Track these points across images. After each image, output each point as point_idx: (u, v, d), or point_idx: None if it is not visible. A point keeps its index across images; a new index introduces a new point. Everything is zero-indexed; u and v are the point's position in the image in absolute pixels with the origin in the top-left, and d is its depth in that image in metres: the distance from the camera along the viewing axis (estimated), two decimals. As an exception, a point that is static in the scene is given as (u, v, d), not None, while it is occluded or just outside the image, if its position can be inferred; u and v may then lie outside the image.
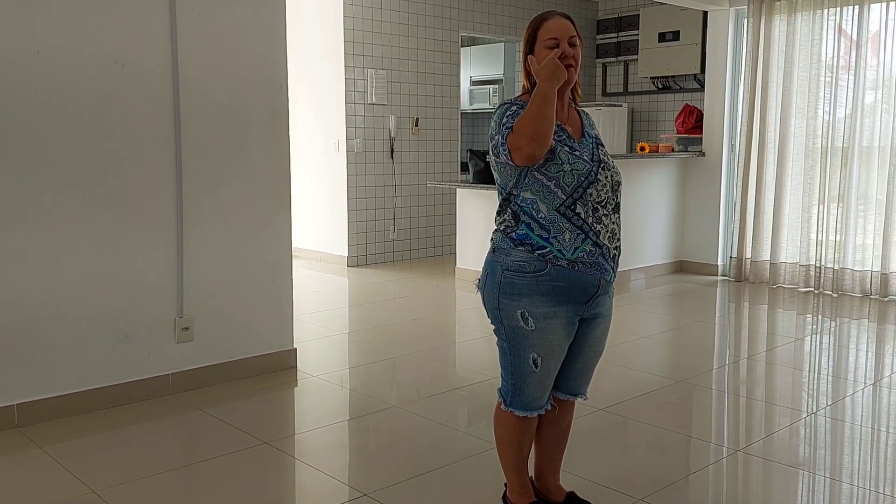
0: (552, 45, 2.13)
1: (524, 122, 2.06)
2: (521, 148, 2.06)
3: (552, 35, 2.14)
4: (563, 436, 2.46)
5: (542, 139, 2.05)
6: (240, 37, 3.70)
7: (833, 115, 5.99)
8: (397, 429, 3.29)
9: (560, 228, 2.12)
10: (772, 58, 6.25)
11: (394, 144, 7.24)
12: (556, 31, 2.14)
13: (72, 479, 2.72)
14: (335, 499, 2.63)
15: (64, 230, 3.25)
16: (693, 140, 7.10)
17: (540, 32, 2.16)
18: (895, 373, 4.09)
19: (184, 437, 3.23)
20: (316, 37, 7.11)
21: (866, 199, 5.93)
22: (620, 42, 8.16)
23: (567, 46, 2.13)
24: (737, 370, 4.20)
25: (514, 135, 2.08)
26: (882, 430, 3.28)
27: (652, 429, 3.28)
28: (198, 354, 3.67)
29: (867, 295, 5.90)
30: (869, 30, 5.80)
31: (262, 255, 3.87)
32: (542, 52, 2.14)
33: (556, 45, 2.13)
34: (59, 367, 3.28)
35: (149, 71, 3.43)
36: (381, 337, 4.83)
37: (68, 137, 3.23)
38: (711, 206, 6.80)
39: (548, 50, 2.13)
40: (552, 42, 2.13)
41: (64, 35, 3.19)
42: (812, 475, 2.85)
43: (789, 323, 5.34)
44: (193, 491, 2.74)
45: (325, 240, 7.33)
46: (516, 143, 2.07)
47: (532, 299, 2.14)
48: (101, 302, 3.37)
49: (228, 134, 3.70)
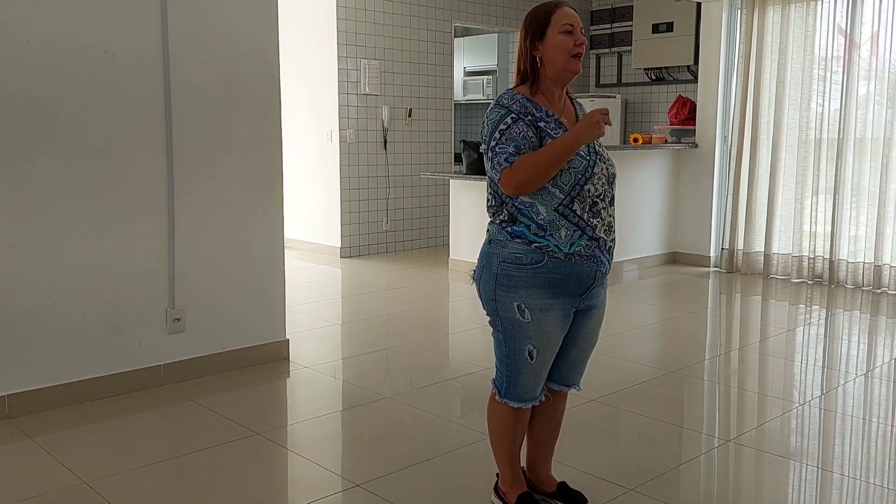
0: (569, 29, 2.13)
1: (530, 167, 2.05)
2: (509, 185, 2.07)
3: (569, 21, 2.14)
4: (556, 426, 2.47)
5: (534, 186, 2.07)
6: (231, 26, 3.67)
7: (827, 106, 6.00)
8: (390, 420, 3.29)
9: (557, 227, 2.12)
10: (765, 49, 6.24)
11: (387, 135, 7.22)
12: (571, 18, 2.14)
13: (63, 470, 2.71)
14: (327, 489, 2.63)
15: (54, 221, 3.23)
16: (686, 132, 7.10)
17: (555, 17, 2.14)
18: (886, 363, 4.11)
19: (176, 427, 3.22)
20: (309, 27, 7.08)
21: (859, 191, 5.95)
22: (614, 33, 8.14)
23: (580, 35, 2.15)
24: (728, 361, 4.21)
25: (513, 173, 2.06)
26: (873, 421, 3.30)
27: (643, 419, 3.29)
28: (189, 345, 3.66)
29: (859, 286, 5.92)
30: (863, 21, 5.80)
31: (255, 245, 3.85)
32: (558, 36, 2.13)
33: (571, 31, 2.13)
34: (50, 357, 3.26)
35: (139, 60, 3.40)
36: (373, 328, 4.83)
37: (58, 128, 3.21)
38: (704, 198, 6.81)
39: (563, 35, 2.12)
40: (569, 27, 2.13)
41: (53, 24, 3.16)
42: (803, 465, 2.86)
43: (781, 314, 5.36)
44: (185, 482, 2.74)
45: (317, 230, 7.32)
46: (509, 180, 2.07)
47: (529, 291, 2.14)
48: (93, 293, 3.35)
49: (220, 124, 3.68)
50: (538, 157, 2.07)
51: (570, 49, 2.13)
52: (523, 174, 2.06)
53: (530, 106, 2.14)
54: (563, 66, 2.14)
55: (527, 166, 2.06)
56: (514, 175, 2.07)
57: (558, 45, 2.13)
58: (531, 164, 2.06)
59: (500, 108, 2.15)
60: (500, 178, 2.09)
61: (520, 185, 2.07)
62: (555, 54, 2.13)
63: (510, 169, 2.07)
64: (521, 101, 2.15)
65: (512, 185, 2.08)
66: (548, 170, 2.06)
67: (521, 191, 2.09)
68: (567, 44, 2.13)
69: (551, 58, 2.13)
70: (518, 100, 2.15)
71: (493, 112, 2.16)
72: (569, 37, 2.13)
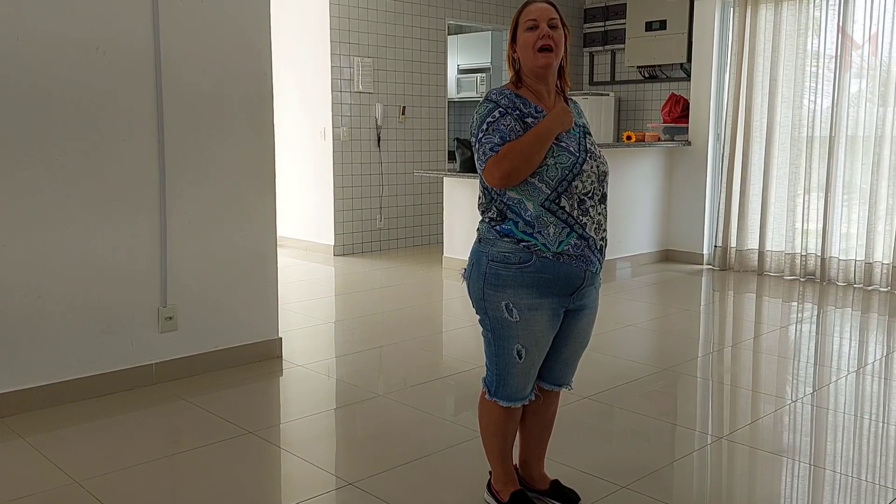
0: (531, 25, 2.15)
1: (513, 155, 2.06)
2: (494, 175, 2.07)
3: (531, 17, 2.15)
4: (548, 425, 2.47)
5: (518, 176, 2.07)
6: (223, 23, 3.66)
7: (819, 104, 6.01)
8: (383, 418, 3.29)
9: (545, 223, 2.11)
10: (758, 47, 6.26)
11: (380, 133, 7.21)
12: (535, 13, 2.16)
13: (54, 470, 2.70)
14: (321, 488, 2.63)
15: (45, 218, 3.21)
16: (679, 129, 7.11)
17: (521, 16, 2.18)
18: (878, 360, 4.13)
19: (168, 426, 3.21)
20: (302, 24, 7.06)
21: (851, 188, 5.97)
22: (607, 31, 8.14)
23: (546, 27, 2.14)
24: (721, 358, 4.22)
25: (498, 160, 2.07)
26: (865, 418, 3.31)
27: (637, 417, 3.30)
28: (182, 344, 3.64)
29: (851, 284, 5.94)
30: (854, 20, 5.82)
31: (247, 243, 3.84)
32: (523, 34, 2.16)
33: (535, 26, 2.14)
34: (40, 356, 3.25)
35: (131, 57, 3.38)
36: (367, 326, 4.82)
37: (49, 124, 3.19)
38: (697, 196, 6.83)
39: (528, 32, 2.14)
40: (531, 23, 2.15)
41: (45, 21, 3.14)
42: (795, 462, 2.87)
43: (774, 311, 5.37)
44: (178, 481, 2.73)
45: (311, 228, 7.30)
46: (496, 170, 2.07)
47: (516, 290, 2.14)
48: (83, 291, 3.34)
49: (212, 121, 3.67)
50: (520, 143, 2.08)
51: (534, 44, 2.14)
52: (508, 163, 2.06)
53: (518, 101, 2.16)
54: (532, 63, 2.17)
55: (511, 155, 2.07)
56: (498, 164, 2.07)
57: (524, 43, 2.16)
58: (515, 150, 2.07)
59: (489, 103, 2.17)
60: (484, 169, 2.10)
61: (505, 174, 2.07)
62: (523, 52, 2.17)
63: (495, 158, 2.08)
64: (509, 97, 2.17)
65: (497, 175, 2.08)
66: (531, 156, 2.07)
67: (507, 181, 2.08)
68: (530, 40, 2.15)
69: (523, 57, 2.18)
70: (506, 95, 2.18)
71: (482, 107, 2.18)
72: (532, 32, 2.15)
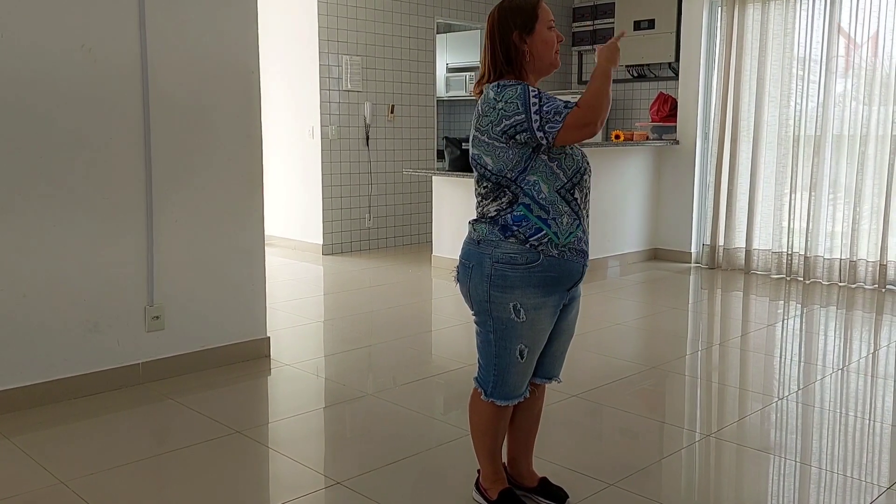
0: (552, 25, 2.22)
1: (594, 100, 2.07)
2: (587, 124, 2.06)
3: (552, 17, 2.23)
4: (536, 420, 2.49)
5: (604, 116, 2.09)
6: (210, 21, 3.64)
7: (805, 103, 6.05)
8: (372, 417, 3.29)
9: (560, 211, 2.15)
10: (745, 46, 6.29)
11: (369, 131, 7.20)
12: (550, 14, 2.23)
13: (40, 470, 2.68)
14: (309, 487, 2.62)
15: (30, 218, 3.18)
16: (667, 128, 7.13)
17: (541, 12, 2.20)
18: (863, 358, 4.16)
19: (155, 426, 3.19)
20: (289, 22, 7.03)
21: (836, 187, 6.01)
22: (596, 30, 8.16)
23: (557, 31, 2.24)
24: (709, 356, 4.24)
25: (582, 110, 2.06)
26: (850, 415, 3.34)
27: (625, 415, 3.31)
28: (169, 343, 3.62)
29: (835, 282, 5.99)
30: (841, 19, 5.86)
31: (235, 242, 3.82)
32: (545, 31, 2.19)
33: (552, 27, 2.21)
34: (26, 356, 3.22)
35: (116, 57, 3.36)
36: (356, 325, 4.81)
37: (34, 125, 3.16)
38: (685, 195, 6.85)
39: (549, 31, 2.20)
40: (552, 23, 2.22)
41: (29, 23, 3.11)
42: (782, 459, 2.89)
43: (761, 309, 5.40)
44: (165, 481, 2.71)
45: (299, 227, 7.28)
46: (584, 119, 2.06)
47: (524, 291, 2.15)
48: (70, 290, 3.31)
49: (199, 120, 3.65)
50: (592, 89, 2.09)
51: (555, 45, 2.21)
52: (592, 111, 2.06)
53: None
54: (549, 61, 2.21)
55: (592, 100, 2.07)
56: (588, 111, 2.06)
57: (547, 41, 2.19)
58: (596, 94, 2.07)
59: (516, 84, 2.13)
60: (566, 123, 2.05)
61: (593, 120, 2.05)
62: (543, 49, 2.19)
63: (576, 111, 2.06)
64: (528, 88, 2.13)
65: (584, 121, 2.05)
66: (608, 95, 2.09)
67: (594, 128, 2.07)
68: (553, 40, 2.20)
69: (540, 52, 2.19)
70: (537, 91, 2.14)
71: (508, 91, 2.11)
72: (552, 32, 2.21)
